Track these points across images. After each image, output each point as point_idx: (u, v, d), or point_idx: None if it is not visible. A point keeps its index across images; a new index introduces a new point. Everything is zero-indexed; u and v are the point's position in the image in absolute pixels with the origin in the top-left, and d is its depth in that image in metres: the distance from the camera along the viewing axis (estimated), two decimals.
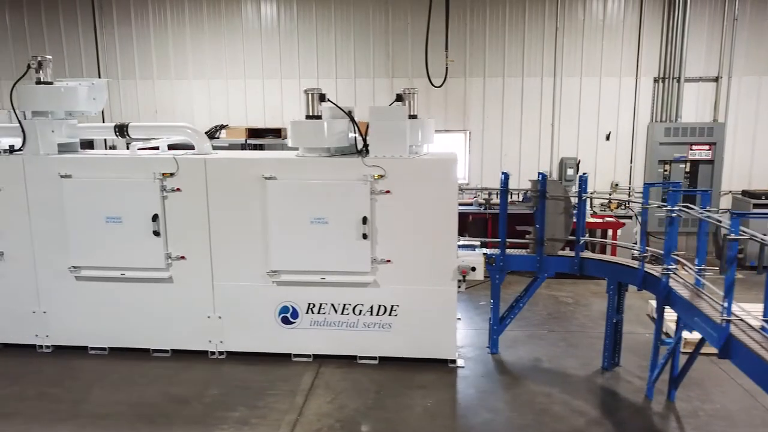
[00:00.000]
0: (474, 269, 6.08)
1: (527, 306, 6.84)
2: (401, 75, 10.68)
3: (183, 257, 6.28)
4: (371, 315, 6.24)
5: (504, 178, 6.31)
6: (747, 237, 4.15)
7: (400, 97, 6.41)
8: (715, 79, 10.32)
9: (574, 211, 6.31)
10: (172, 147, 6.89)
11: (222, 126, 10.50)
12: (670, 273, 5.26)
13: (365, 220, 5.96)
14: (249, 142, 10.24)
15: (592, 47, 10.37)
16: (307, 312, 6.30)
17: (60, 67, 11.06)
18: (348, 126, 6.31)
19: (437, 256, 6.04)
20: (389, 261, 6.10)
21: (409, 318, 6.20)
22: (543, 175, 6.23)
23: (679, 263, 5.40)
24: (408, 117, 6.11)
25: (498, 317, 6.55)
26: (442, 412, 5.38)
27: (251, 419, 5.23)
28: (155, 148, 6.77)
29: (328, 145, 6.19)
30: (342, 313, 6.27)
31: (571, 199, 6.33)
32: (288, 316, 6.33)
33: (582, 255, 6.27)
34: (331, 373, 6.11)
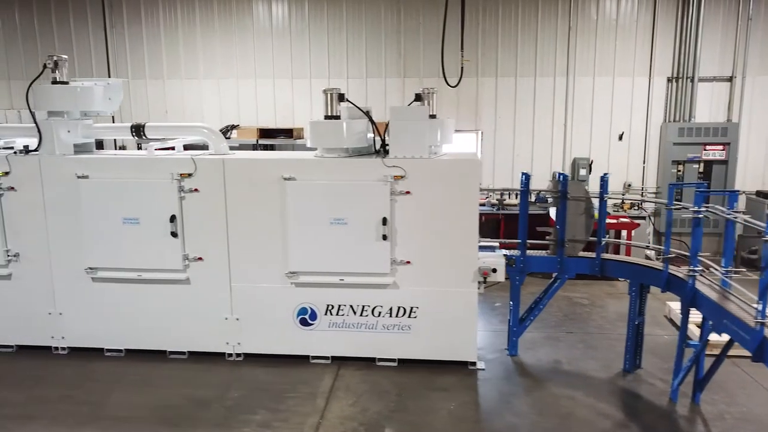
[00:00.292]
0: (495, 271, 6.02)
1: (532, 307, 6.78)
2: (413, 75, 10.64)
3: (200, 258, 6.23)
4: (390, 317, 6.19)
5: (525, 179, 6.26)
6: None
7: (419, 97, 6.34)
8: (729, 79, 10.28)
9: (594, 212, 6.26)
10: (186, 147, 6.86)
11: (233, 126, 10.45)
12: (696, 275, 5.21)
13: (385, 221, 5.91)
14: (260, 142, 10.20)
15: (605, 47, 10.32)
16: (326, 313, 6.25)
17: (70, 67, 10.96)
18: (367, 126, 6.26)
19: (458, 257, 5.99)
20: (409, 262, 6.05)
21: (429, 320, 6.15)
22: (564, 176, 6.18)
23: (703, 264, 5.36)
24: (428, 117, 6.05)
25: (517, 319, 6.50)
26: (466, 415, 5.33)
27: (273, 422, 5.18)
28: (171, 148, 6.73)
29: (347, 146, 6.14)
30: (361, 315, 6.22)
31: (592, 200, 6.28)
32: (306, 317, 6.28)
33: (603, 256, 6.22)
34: (351, 375, 6.06)
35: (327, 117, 6.22)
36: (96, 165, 6.23)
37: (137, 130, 6.48)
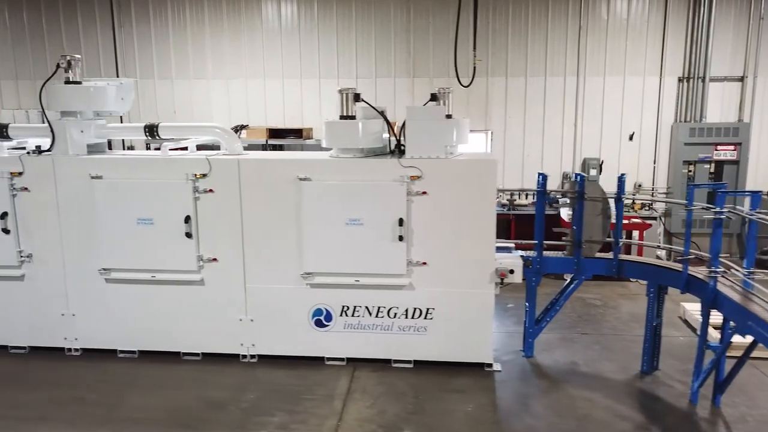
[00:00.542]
0: (512, 272, 5.98)
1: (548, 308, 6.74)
2: (422, 74, 10.59)
3: (215, 259, 6.19)
4: (406, 318, 6.14)
5: (542, 179, 6.22)
6: None
7: (434, 97, 6.31)
8: (741, 79, 10.22)
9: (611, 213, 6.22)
10: (198, 147, 6.81)
11: (242, 126, 10.40)
12: (717, 276, 5.16)
13: (401, 221, 5.86)
14: (269, 142, 10.16)
15: (615, 46, 10.26)
16: (341, 315, 6.21)
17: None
18: (382, 126, 6.23)
19: (475, 258, 5.94)
20: (425, 263, 6.00)
21: (445, 321, 6.10)
22: (581, 176, 6.14)
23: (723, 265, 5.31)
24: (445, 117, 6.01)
25: (533, 320, 6.45)
26: (484, 417, 5.29)
27: (291, 424, 5.14)
28: (184, 148, 6.68)
29: (363, 146, 6.10)
30: (376, 316, 6.18)
31: (609, 200, 6.23)
32: (321, 318, 6.24)
33: (620, 257, 6.17)
34: (367, 377, 6.02)
35: (342, 117, 6.18)
36: (110, 165, 6.19)
37: (151, 130, 6.44)
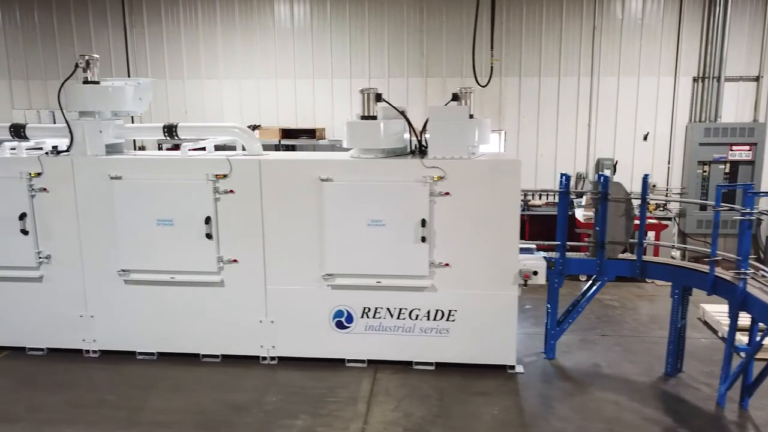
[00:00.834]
0: (536, 273, 5.93)
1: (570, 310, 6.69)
2: (435, 74, 10.54)
3: (235, 260, 6.14)
4: (428, 320, 6.09)
5: (565, 180, 6.18)
6: None
7: (456, 97, 6.26)
8: (756, 79, 10.16)
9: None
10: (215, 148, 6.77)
11: (255, 126, 10.35)
12: (747, 277, 5.11)
13: (424, 222, 5.81)
14: (282, 142, 10.13)
15: (630, 46, 10.22)
16: (362, 316, 6.16)
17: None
18: (403, 126, 6.18)
19: (498, 259, 5.90)
20: (447, 264, 5.95)
21: (468, 323, 6.05)
22: (605, 177, 6.09)
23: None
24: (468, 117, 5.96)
25: (555, 322, 6.40)
26: (510, 420, 5.24)
27: (316, 428, 5.09)
28: (201, 148, 6.64)
29: (384, 146, 6.06)
30: (398, 318, 6.13)
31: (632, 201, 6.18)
32: (342, 320, 6.19)
33: (644, 258, 6.12)
34: (389, 379, 5.96)
35: (364, 117, 6.13)
36: (129, 166, 6.14)
37: (169, 130, 6.40)
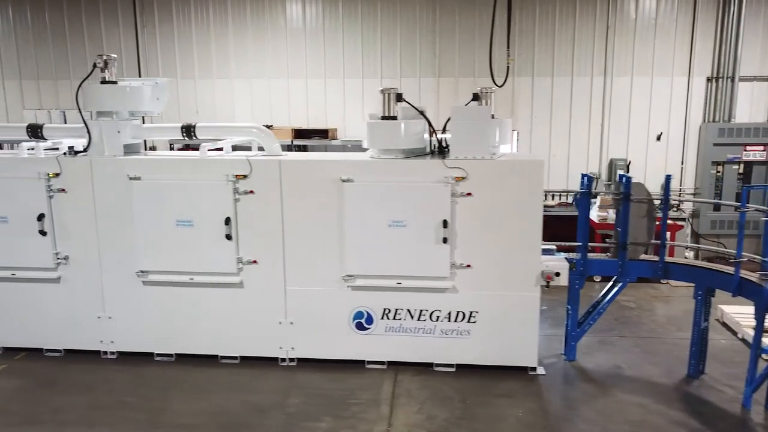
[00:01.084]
0: (558, 274, 5.89)
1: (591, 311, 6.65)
2: (448, 74, 10.50)
3: (255, 261, 6.11)
4: (449, 321, 6.05)
5: (587, 180, 6.14)
6: None
7: (476, 96, 6.23)
8: None
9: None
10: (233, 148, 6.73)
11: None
12: None
13: (445, 223, 5.78)
14: (294, 143, 10.09)
15: (643, 46, 10.17)
16: (383, 318, 6.12)
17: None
18: (423, 126, 6.14)
19: (520, 261, 5.86)
20: (469, 266, 5.91)
21: (489, 324, 6.01)
22: (627, 178, 6.04)
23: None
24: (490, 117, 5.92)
25: (576, 323, 6.36)
26: (535, 422, 5.20)
27: (340, 430, 5.05)
28: (219, 149, 6.60)
29: (405, 147, 6.02)
30: (418, 319, 6.09)
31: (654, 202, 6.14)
32: (362, 321, 6.15)
33: (666, 259, 6.08)
34: (410, 381, 5.93)
35: (384, 117, 6.09)
36: (149, 166, 6.11)
37: (188, 130, 6.36)
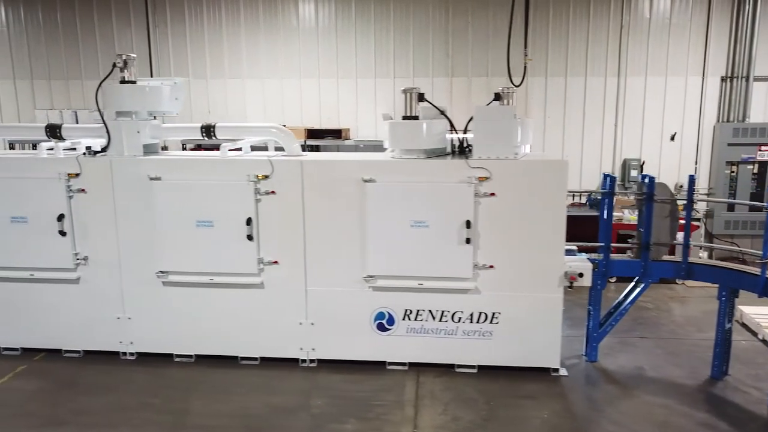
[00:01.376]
0: (581, 275, 5.86)
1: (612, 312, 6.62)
2: (461, 74, 10.47)
3: (276, 262, 6.07)
4: (471, 322, 6.02)
5: (610, 181, 6.11)
6: None
7: (498, 96, 6.20)
8: None
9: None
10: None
11: None
12: None
13: (468, 223, 5.74)
14: (307, 143, 10.05)
15: (658, 46, 10.15)
16: (404, 318, 6.09)
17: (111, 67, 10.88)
18: (445, 126, 6.11)
19: (543, 261, 5.82)
20: (492, 266, 5.88)
21: (511, 325, 5.98)
22: (651, 178, 6.01)
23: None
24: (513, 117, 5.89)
25: (597, 324, 6.33)
26: (561, 424, 5.16)
27: None
28: (238, 149, 6.56)
29: (426, 147, 5.99)
30: (440, 320, 6.05)
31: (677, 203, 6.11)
32: (384, 322, 6.12)
33: (690, 260, 6.05)
34: (432, 383, 5.89)
35: (405, 117, 6.07)
36: (169, 166, 6.08)
37: (207, 130, 6.33)
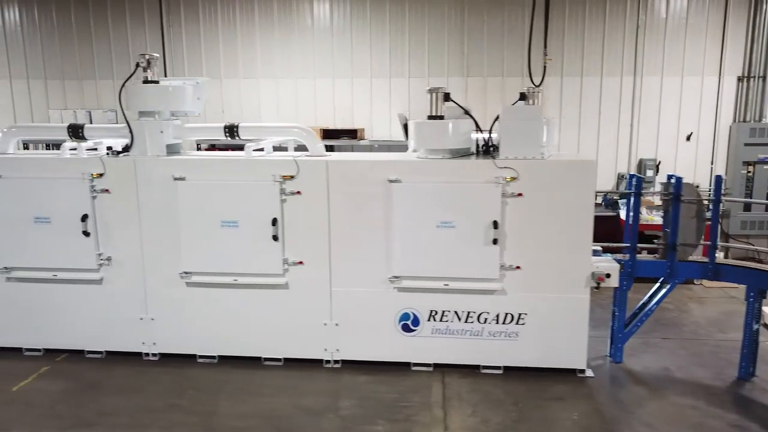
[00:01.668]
0: (609, 276, 5.83)
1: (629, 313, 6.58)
2: (476, 74, 10.45)
3: (300, 262, 6.05)
4: (497, 323, 5.99)
5: (636, 181, 6.08)
6: None
7: (523, 96, 6.17)
8: None
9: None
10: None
11: None
12: None
13: (496, 224, 5.71)
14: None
15: (674, 46, 10.12)
16: (429, 319, 6.06)
17: (125, 66, 10.86)
18: (470, 126, 6.08)
19: (571, 262, 5.79)
20: (519, 267, 5.85)
21: (538, 326, 5.95)
22: (678, 178, 5.98)
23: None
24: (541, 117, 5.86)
25: (623, 325, 6.30)
26: (592, 426, 5.14)
27: None
28: (260, 149, 6.53)
29: (452, 147, 5.97)
30: (466, 321, 6.03)
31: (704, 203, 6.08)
32: (409, 323, 6.10)
33: (717, 260, 6.02)
34: (458, 384, 5.86)
35: (431, 117, 6.04)
36: (194, 166, 6.06)
37: (230, 130, 6.31)
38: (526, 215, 5.75)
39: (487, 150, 6.11)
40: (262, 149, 6.50)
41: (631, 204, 6.19)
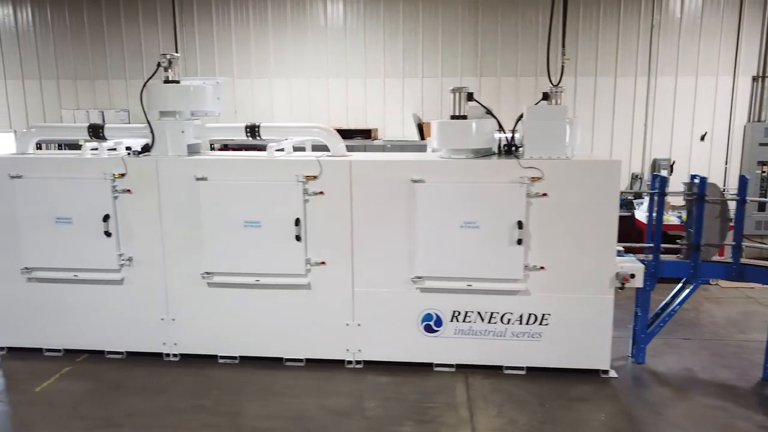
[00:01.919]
0: (633, 276, 5.81)
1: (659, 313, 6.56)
2: (490, 74, 10.42)
3: (323, 263, 6.03)
4: (520, 324, 5.97)
5: (660, 181, 6.06)
6: None
7: (546, 96, 6.16)
8: None
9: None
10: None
11: None
12: None
13: (520, 224, 5.69)
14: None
15: (688, 45, 10.08)
16: (452, 320, 6.04)
17: (137, 66, 10.88)
18: (493, 126, 6.06)
19: (595, 262, 5.77)
20: (543, 268, 5.83)
21: (561, 327, 5.93)
22: (701, 178, 5.96)
23: None
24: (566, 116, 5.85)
25: (645, 326, 6.28)
26: (620, 427, 5.12)
27: None
28: (281, 149, 6.52)
29: (475, 146, 5.95)
30: (489, 322, 6.01)
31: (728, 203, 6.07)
32: (431, 324, 6.08)
33: (742, 261, 6.00)
34: (481, 385, 5.84)
35: (453, 117, 6.02)
36: (216, 166, 6.03)
37: (252, 130, 6.29)
38: (550, 215, 5.73)
39: (509, 150, 6.09)
40: (282, 149, 6.49)
41: (655, 204, 6.17)
